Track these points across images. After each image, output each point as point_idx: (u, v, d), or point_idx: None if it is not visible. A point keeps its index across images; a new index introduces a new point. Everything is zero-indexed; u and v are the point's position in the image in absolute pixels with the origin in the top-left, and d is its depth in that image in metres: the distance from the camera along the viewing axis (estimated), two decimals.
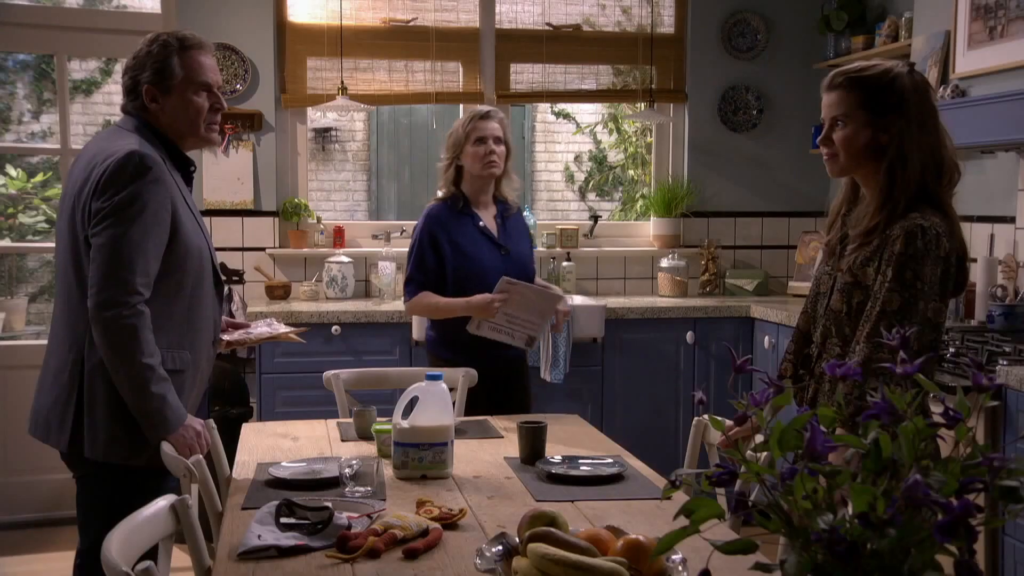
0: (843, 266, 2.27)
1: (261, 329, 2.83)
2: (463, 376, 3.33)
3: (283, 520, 1.95)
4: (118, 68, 7.29)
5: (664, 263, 5.01)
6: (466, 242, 3.33)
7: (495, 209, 3.42)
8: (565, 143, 8.43)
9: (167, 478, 2.35)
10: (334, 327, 4.25)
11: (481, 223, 3.37)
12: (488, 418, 3.09)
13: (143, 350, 2.27)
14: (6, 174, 6.74)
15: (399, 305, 4.48)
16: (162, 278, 2.35)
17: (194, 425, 2.38)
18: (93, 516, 2.42)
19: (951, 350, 3.25)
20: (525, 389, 3.52)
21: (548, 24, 5.02)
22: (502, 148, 3.34)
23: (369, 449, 2.64)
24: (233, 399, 4.25)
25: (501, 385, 3.39)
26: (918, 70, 2.27)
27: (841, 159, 2.26)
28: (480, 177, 3.35)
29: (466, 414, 3.18)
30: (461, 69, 4.94)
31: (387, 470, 2.39)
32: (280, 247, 4.79)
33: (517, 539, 1.74)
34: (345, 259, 4.72)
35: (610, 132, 7.69)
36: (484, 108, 3.40)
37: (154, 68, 2.43)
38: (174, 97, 2.45)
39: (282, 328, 2.86)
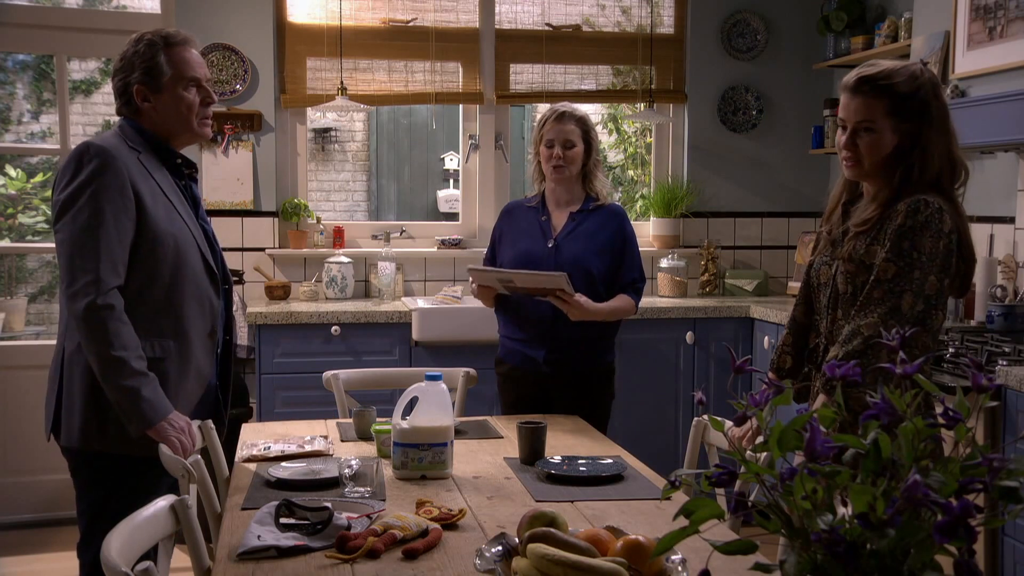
0: (844, 254, 2.28)
1: None
2: (463, 376, 3.33)
3: (283, 520, 1.95)
4: None
5: (664, 263, 5.00)
6: (518, 234, 3.30)
7: (579, 205, 3.28)
8: None
9: (160, 471, 2.33)
10: (334, 327, 4.25)
11: (544, 218, 3.28)
12: (488, 418, 3.09)
13: (113, 343, 2.26)
14: (6, 174, 6.74)
15: (399, 305, 4.49)
16: (134, 267, 2.35)
17: (178, 421, 2.33)
18: (83, 508, 2.43)
19: (951, 350, 3.25)
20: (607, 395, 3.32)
21: (548, 24, 5.02)
22: (575, 151, 3.20)
23: (369, 449, 2.64)
24: (233, 399, 4.23)
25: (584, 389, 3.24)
26: (928, 68, 2.28)
27: (865, 164, 2.26)
28: (550, 179, 3.26)
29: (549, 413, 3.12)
30: (461, 69, 4.94)
31: (387, 470, 2.40)
32: (280, 247, 4.79)
33: (517, 539, 1.74)
34: (345, 259, 4.71)
35: (610, 132, 7.68)
36: (561, 107, 3.24)
37: (143, 68, 2.45)
38: (165, 95, 2.46)
39: None
